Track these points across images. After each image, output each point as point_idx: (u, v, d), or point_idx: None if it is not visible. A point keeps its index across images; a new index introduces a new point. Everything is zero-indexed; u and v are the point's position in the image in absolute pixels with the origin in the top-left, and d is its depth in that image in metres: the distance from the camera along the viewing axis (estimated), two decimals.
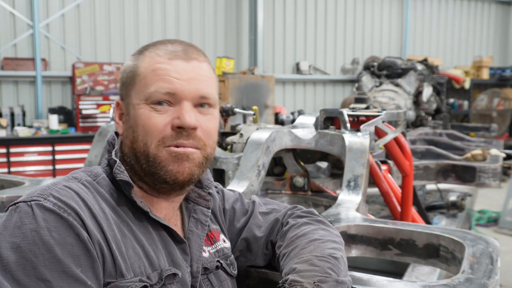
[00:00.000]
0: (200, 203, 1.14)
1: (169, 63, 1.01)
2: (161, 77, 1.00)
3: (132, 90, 1.03)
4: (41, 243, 0.83)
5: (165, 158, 0.99)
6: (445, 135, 4.31)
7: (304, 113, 6.51)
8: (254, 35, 8.38)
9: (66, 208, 0.88)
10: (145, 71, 1.01)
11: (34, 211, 0.87)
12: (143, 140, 1.00)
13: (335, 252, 1.04)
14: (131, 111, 1.02)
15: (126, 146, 1.04)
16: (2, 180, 2.18)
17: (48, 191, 0.91)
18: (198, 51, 1.07)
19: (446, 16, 11.08)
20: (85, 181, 0.98)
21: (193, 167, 1.02)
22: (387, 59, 5.81)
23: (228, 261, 1.15)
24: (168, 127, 0.99)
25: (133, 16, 7.72)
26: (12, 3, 6.91)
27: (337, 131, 1.89)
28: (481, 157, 3.02)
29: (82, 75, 7.01)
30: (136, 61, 1.04)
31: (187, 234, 1.08)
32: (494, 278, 1.05)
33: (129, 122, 1.03)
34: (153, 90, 0.99)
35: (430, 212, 3.26)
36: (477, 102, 11.02)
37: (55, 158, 6.54)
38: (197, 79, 1.02)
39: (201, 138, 1.02)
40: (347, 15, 9.78)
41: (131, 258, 0.93)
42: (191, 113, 1.00)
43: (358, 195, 1.63)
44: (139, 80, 1.02)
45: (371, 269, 2.57)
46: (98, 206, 0.94)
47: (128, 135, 1.03)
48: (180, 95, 1.00)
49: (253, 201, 1.27)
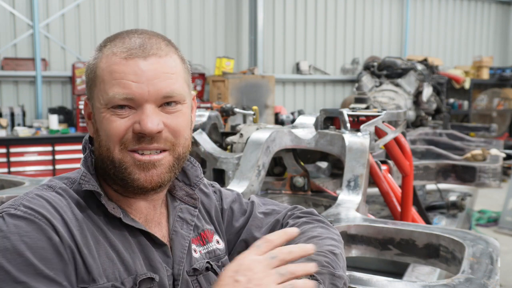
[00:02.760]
0: (187, 202, 1.10)
1: (125, 64, 0.94)
2: (117, 81, 0.94)
3: (94, 91, 0.98)
4: (12, 248, 0.83)
5: (130, 164, 0.96)
6: (445, 135, 4.30)
7: (304, 113, 6.51)
8: (254, 35, 8.38)
9: (37, 215, 0.87)
10: (102, 72, 0.96)
11: (5, 219, 0.86)
12: (106, 145, 0.97)
13: (334, 248, 1.03)
14: (96, 114, 0.99)
15: (96, 150, 1.01)
16: (2, 180, 2.18)
17: (19, 201, 0.90)
18: (159, 43, 0.98)
19: (446, 16, 11.08)
20: (59, 189, 0.96)
21: (163, 173, 0.98)
22: (387, 59, 5.81)
23: (219, 263, 1.12)
24: (129, 131, 0.95)
25: (133, 16, 7.72)
26: (12, 3, 6.91)
27: (337, 131, 1.89)
28: (481, 157, 3.02)
29: (82, 75, 7.01)
30: (96, 60, 0.99)
31: (171, 234, 1.05)
32: (494, 278, 1.05)
33: (95, 125, 1.00)
34: (111, 95, 0.93)
35: (430, 212, 3.26)
36: (477, 102, 11.02)
37: (55, 158, 6.54)
38: (157, 78, 0.95)
39: (168, 139, 0.97)
40: (347, 15, 9.78)
41: (104, 263, 0.91)
42: (153, 118, 0.94)
43: (358, 195, 1.63)
44: (98, 82, 0.97)
45: (371, 269, 2.57)
46: (71, 212, 0.92)
47: (96, 139, 1.00)
48: (140, 100, 0.94)
49: (252, 201, 1.24)
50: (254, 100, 7.34)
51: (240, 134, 2.09)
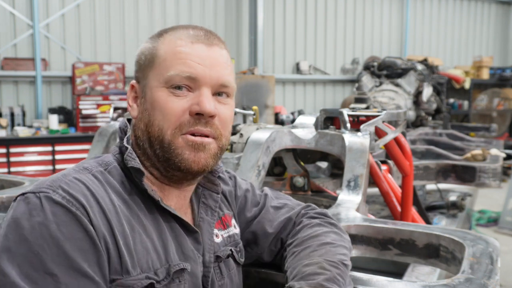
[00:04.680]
0: (209, 188, 1.11)
1: (191, 46, 0.98)
2: (182, 61, 0.96)
3: (150, 72, 0.99)
4: (49, 237, 0.82)
5: (181, 145, 0.97)
6: (445, 135, 4.30)
7: (304, 113, 6.51)
8: (254, 35, 8.38)
9: (75, 202, 0.86)
10: (165, 53, 0.98)
11: (43, 203, 0.85)
12: (159, 125, 0.97)
13: (345, 258, 1.03)
14: (148, 93, 0.99)
15: (140, 130, 1.00)
16: (2, 180, 2.17)
17: (58, 183, 0.89)
18: (219, 38, 1.04)
19: (446, 16, 11.09)
20: (96, 172, 0.95)
21: (209, 158, 0.99)
22: (387, 59, 5.81)
23: (237, 248, 1.14)
24: (186, 113, 0.96)
25: (133, 16, 7.72)
26: (12, 3, 6.91)
27: (337, 131, 1.89)
28: (481, 157, 3.02)
29: (82, 75, 7.01)
30: (155, 43, 1.01)
31: (198, 221, 1.06)
32: (494, 278, 1.05)
33: (145, 105, 1.00)
34: (174, 73, 0.96)
35: (430, 212, 3.26)
36: (477, 102, 11.02)
37: (55, 158, 6.54)
38: (218, 65, 0.99)
39: (218, 127, 0.99)
40: (347, 15, 9.78)
41: (139, 253, 0.91)
42: (210, 100, 0.97)
43: (358, 195, 1.63)
44: (158, 62, 0.98)
45: (371, 269, 2.57)
46: (108, 199, 0.92)
47: (143, 118, 1.00)
48: (201, 81, 0.97)
49: (265, 194, 1.25)
50: (254, 100, 7.33)
51: (240, 134, 2.09)
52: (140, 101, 1.01)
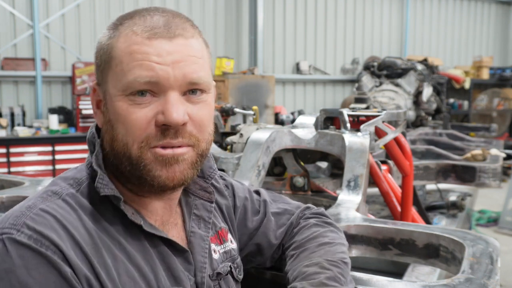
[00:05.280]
0: (201, 196, 1.01)
1: (148, 43, 0.83)
2: (139, 62, 0.82)
3: (109, 75, 0.86)
4: (19, 285, 0.72)
5: (151, 161, 0.84)
6: (445, 135, 4.30)
7: (304, 113, 6.51)
8: (254, 35, 8.38)
9: (44, 241, 0.75)
10: (121, 53, 0.84)
11: (8, 247, 0.74)
12: (123, 140, 0.84)
13: (345, 257, 1.02)
14: (108, 102, 0.86)
15: (107, 143, 0.88)
16: (2, 180, 2.17)
17: (22, 220, 0.77)
18: (184, 23, 0.88)
19: (446, 16, 11.08)
20: (66, 196, 0.84)
21: (186, 170, 0.87)
22: (387, 59, 5.81)
23: (235, 264, 1.05)
24: (151, 124, 0.83)
25: None
26: (12, 3, 6.91)
27: (337, 131, 1.89)
28: (481, 157, 3.02)
29: (82, 75, 7.01)
30: (111, 40, 0.87)
31: (189, 236, 0.96)
32: (494, 278, 1.05)
33: (107, 115, 0.87)
34: (132, 79, 0.82)
35: (430, 212, 3.26)
36: (477, 102, 11.02)
37: (55, 158, 6.54)
38: (184, 61, 0.84)
39: (193, 134, 0.86)
40: (347, 15, 9.78)
41: (125, 284, 0.81)
42: (178, 106, 0.83)
43: (358, 195, 1.63)
44: (114, 64, 0.85)
45: (371, 269, 2.56)
46: (83, 228, 0.80)
47: (108, 131, 0.87)
48: (164, 84, 0.83)
49: (264, 200, 1.16)
50: (254, 100, 7.33)
51: (240, 134, 2.09)
52: (103, 109, 0.89)
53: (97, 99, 0.91)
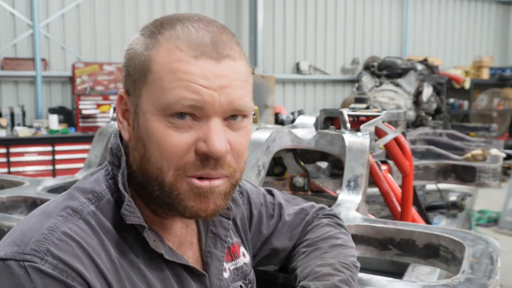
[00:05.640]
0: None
1: (194, 63, 0.75)
2: (183, 83, 0.75)
3: (143, 89, 0.78)
4: None
5: (185, 191, 0.78)
6: (445, 135, 4.30)
7: (304, 113, 6.51)
8: (254, 35, 8.38)
9: (70, 271, 0.70)
10: (161, 69, 0.76)
11: (32, 277, 0.68)
12: (157, 164, 0.78)
13: (355, 260, 1.01)
14: (141, 117, 0.79)
15: (135, 161, 0.82)
16: (2, 180, 2.17)
17: (45, 246, 0.71)
18: (230, 41, 0.80)
19: (446, 16, 11.08)
20: (87, 215, 0.78)
21: (219, 201, 0.81)
22: (387, 59, 5.81)
23: (247, 281, 1.00)
24: (191, 152, 0.77)
25: (133, 16, 7.72)
26: (12, 3, 6.91)
27: (337, 131, 1.89)
28: (481, 157, 3.02)
29: (82, 75, 7.01)
30: (149, 51, 0.78)
31: (205, 257, 0.91)
32: (494, 278, 1.05)
33: (138, 131, 0.80)
34: (174, 100, 0.75)
35: (430, 212, 3.26)
36: (477, 102, 11.02)
37: (55, 158, 6.55)
38: (230, 86, 0.77)
39: (231, 164, 0.80)
40: (347, 15, 9.78)
41: None
42: (221, 135, 0.76)
43: (358, 195, 1.63)
44: (153, 79, 0.77)
45: (371, 269, 2.56)
46: (105, 254, 0.76)
47: (138, 148, 0.80)
48: (209, 110, 0.75)
49: (279, 204, 1.11)
50: (254, 100, 7.31)
51: None
52: (132, 123, 0.82)
53: (124, 108, 0.84)
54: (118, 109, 0.85)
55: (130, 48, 0.83)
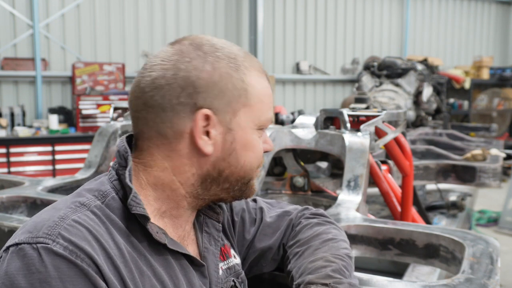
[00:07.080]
0: (210, 216, 1.04)
1: (269, 88, 0.99)
2: (270, 106, 0.98)
3: (243, 109, 0.92)
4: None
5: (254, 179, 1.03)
6: (445, 135, 4.31)
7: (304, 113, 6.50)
8: (254, 35, 8.38)
9: (79, 253, 0.75)
10: (259, 95, 0.94)
11: (43, 256, 0.73)
12: (251, 165, 0.97)
13: (349, 252, 1.03)
14: (238, 133, 0.92)
15: (215, 169, 0.93)
16: (2, 180, 2.18)
17: (56, 230, 0.76)
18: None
19: (446, 16, 11.08)
20: (95, 208, 0.84)
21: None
22: (387, 59, 5.80)
23: (239, 279, 1.06)
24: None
25: (133, 16, 7.72)
26: (12, 3, 6.91)
27: (337, 131, 1.89)
28: (481, 157, 3.02)
29: (82, 75, 7.01)
30: (241, 75, 0.91)
31: (203, 252, 0.99)
32: (494, 278, 1.05)
33: (233, 144, 0.92)
34: (268, 118, 0.98)
35: (430, 212, 3.26)
36: (477, 102, 11.02)
37: (55, 158, 6.54)
38: None
39: None
40: (347, 15, 9.78)
41: None
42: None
43: (358, 195, 1.63)
44: (254, 102, 0.93)
45: (371, 269, 2.57)
46: (112, 241, 0.81)
47: (227, 158, 0.93)
48: None
49: (260, 208, 1.19)
50: None
51: None
52: (224, 138, 0.91)
53: (206, 127, 0.90)
54: (199, 127, 0.89)
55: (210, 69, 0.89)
